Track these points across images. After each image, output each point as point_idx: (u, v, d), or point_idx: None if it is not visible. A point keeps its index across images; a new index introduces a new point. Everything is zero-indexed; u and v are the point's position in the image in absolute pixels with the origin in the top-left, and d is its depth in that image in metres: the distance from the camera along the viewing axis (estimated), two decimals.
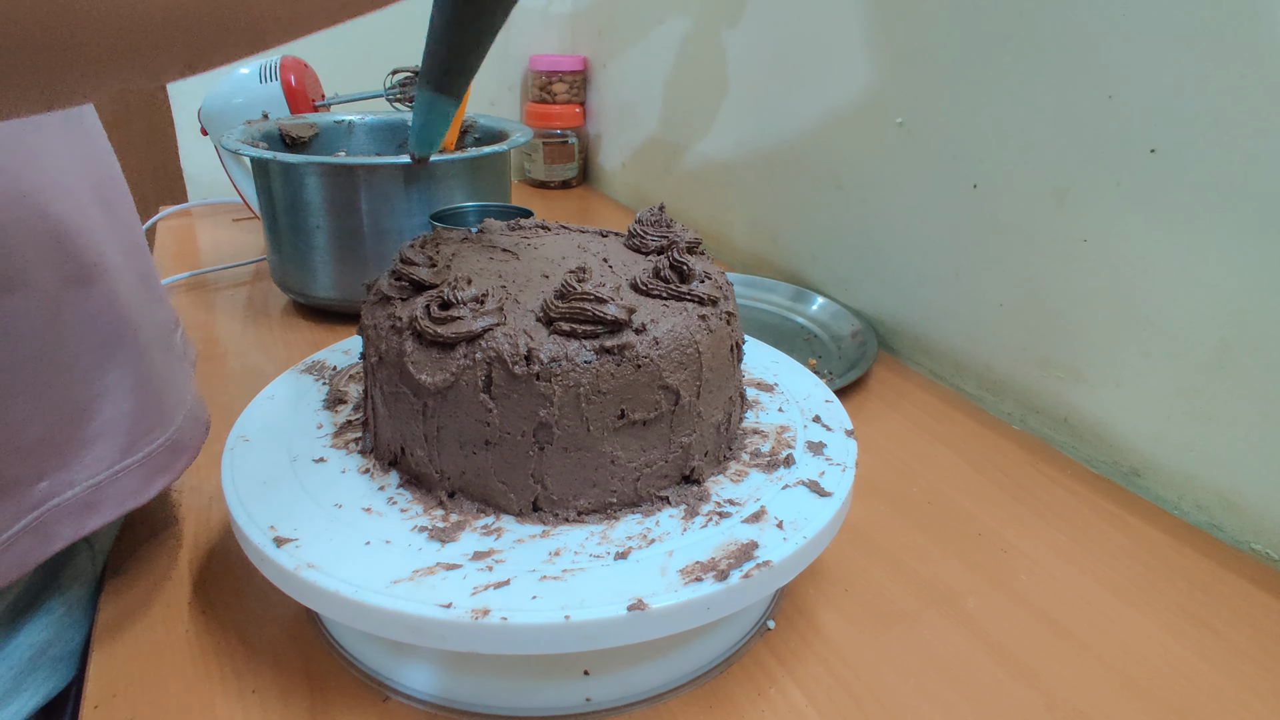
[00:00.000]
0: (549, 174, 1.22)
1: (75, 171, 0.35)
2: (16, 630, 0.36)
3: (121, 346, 0.36)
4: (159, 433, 0.38)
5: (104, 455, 0.35)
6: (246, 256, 0.87)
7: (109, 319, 0.36)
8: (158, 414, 0.38)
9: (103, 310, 0.35)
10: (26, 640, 0.36)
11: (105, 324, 0.35)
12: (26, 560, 0.33)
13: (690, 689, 0.35)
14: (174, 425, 0.39)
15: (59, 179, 0.33)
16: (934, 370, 0.66)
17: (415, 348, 0.33)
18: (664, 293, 0.35)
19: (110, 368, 0.36)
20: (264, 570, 0.32)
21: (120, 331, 0.36)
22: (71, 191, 0.34)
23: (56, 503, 0.34)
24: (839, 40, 0.70)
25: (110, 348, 0.36)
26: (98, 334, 0.35)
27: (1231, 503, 0.47)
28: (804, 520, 0.34)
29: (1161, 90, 0.46)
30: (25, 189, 0.32)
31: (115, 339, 0.36)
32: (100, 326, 0.35)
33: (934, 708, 0.35)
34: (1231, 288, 0.45)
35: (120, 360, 0.36)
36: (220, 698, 0.34)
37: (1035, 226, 0.55)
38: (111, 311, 0.36)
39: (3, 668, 0.35)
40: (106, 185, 0.38)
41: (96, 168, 0.37)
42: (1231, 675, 0.37)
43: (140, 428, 0.37)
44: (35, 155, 0.33)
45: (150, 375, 0.38)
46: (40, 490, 0.33)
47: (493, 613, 0.29)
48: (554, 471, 0.33)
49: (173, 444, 0.39)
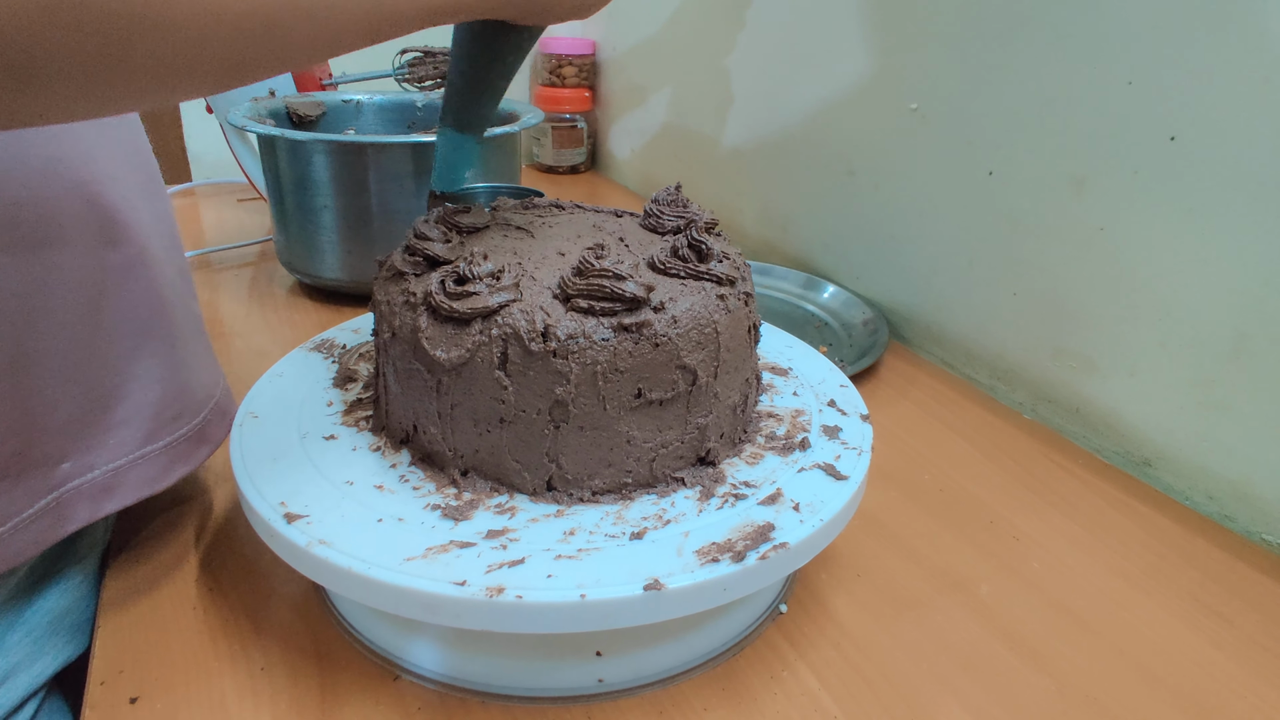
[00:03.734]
0: (557, 158, 1.21)
1: (124, 165, 0.36)
2: (35, 597, 0.36)
3: (156, 335, 0.37)
4: (183, 422, 0.39)
5: (127, 440, 0.36)
6: (251, 237, 0.86)
7: (147, 308, 0.36)
8: (183, 404, 0.39)
9: (142, 299, 0.36)
10: (44, 606, 0.36)
11: (144, 312, 0.36)
12: (42, 540, 0.34)
13: (702, 671, 0.35)
14: (200, 416, 0.40)
15: (110, 170, 0.34)
16: (945, 359, 0.66)
17: (430, 323, 0.33)
18: (682, 272, 0.35)
19: (142, 355, 0.36)
20: (274, 547, 0.32)
21: (156, 321, 0.37)
22: (121, 183, 0.35)
23: (76, 484, 0.35)
24: (852, 24, 0.69)
25: (145, 336, 0.36)
26: (136, 321, 0.36)
27: (1244, 494, 0.47)
28: (820, 503, 0.33)
29: (1183, 77, 0.46)
30: (82, 177, 0.33)
31: (151, 328, 0.37)
32: (139, 314, 0.36)
33: (947, 692, 0.35)
34: (1249, 277, 0.45)
35: (152, 349, 0.37)
36: (229, 675, 0.34)
37: (1051, 214, 0.54)
38: (150, 301, 0.36)
39: (21, 633, 0.35)
40: (150, 180, 0.38)
41: (141, 163, 0.37)
42: (1243, 663, 0.37)
43: (165, 416, 0.38)
44: (91, 147, 0.34)
45: (180, 365, 0.39)
46: (62, 471, 0.34)
47: (508, 591, 0.28)
48: (569, 450, 0.33)
49: (197, 434, 0.40)
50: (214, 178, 1.05)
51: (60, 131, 0.32)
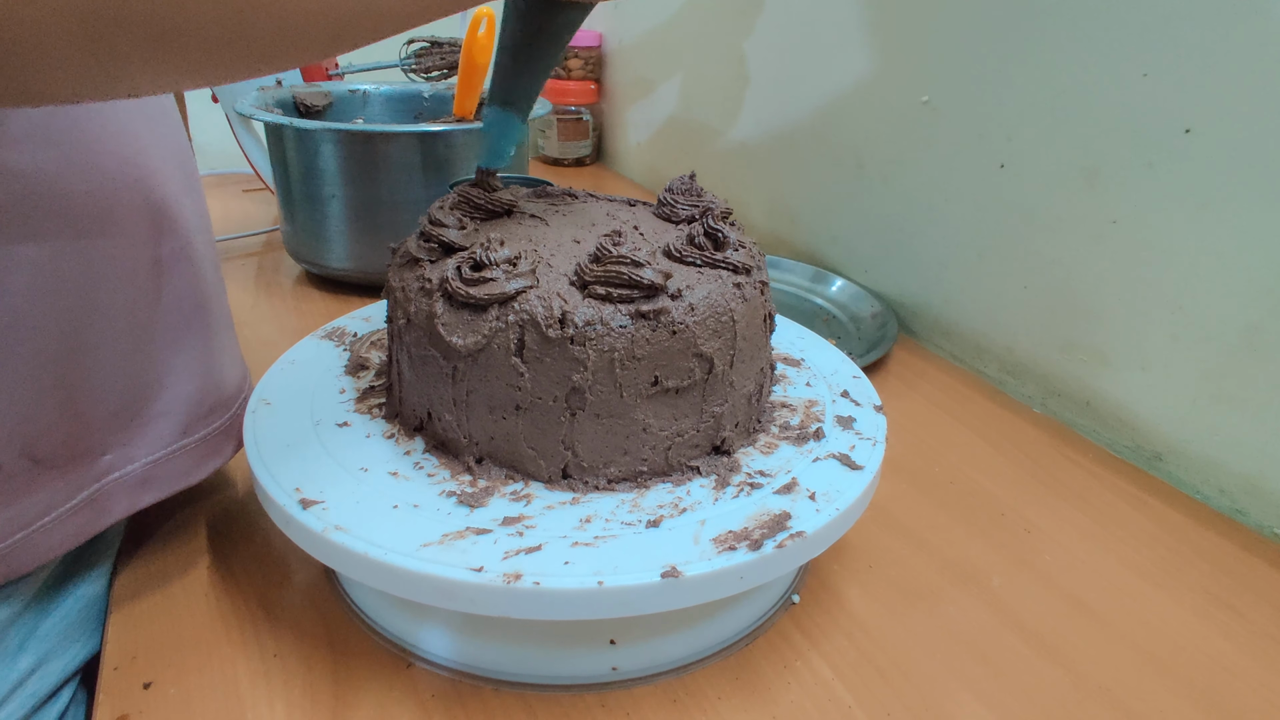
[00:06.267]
0: (563, 151, 1.20)
1: (170, 161, 0.36)
2: (68, 585, 0.37)
3: (195, 329, 0.38)
4: (216, 417, 0.39)
5: (164, 433, 0.37)
6: (257, 227, 0.86)
7: (190, 301, 0.37)
8: (217, 398, 0.40)
9: (185, 292, 0.37)
10: (77, 593, 0.37)
11: (186, 305, 0.37)
12: (82, 531, 0.34)
13: (716, 661, 0.35)
14: (230, 411, 0.41)
15: (159, 165, 0.35)
16: (954, 353, 0.65)
17: (446, 309, 0.33)
18: (698, 260, 0.35)
19: (183, 348, 0.37)
20: (289, 533, 0.32)
21: (196, 315, 0.37)
22: (168, 178, 0.36)
23: (116, 476, 0.35)
24: (863, 15, 0.69)
25: (185, 329, 0.37)
26: (179, 314, 0.36)
27: (1256, 487, 0.46)
28: (836, 493, 0.33)
29: (1199, 69, 0.46)
30: (138, 174, 0.33)
31: (191, 321, 0.37)
32: (182, 307, 0.37)
33: (961, 683, 0.35)
34: (1262, 271, 0.44)
35: (191, 343, 0.37)
36: (242, 661, 0.34)
37: (1063, 207, 0.54)
38: (192, 294, 0.37)
39: (55, 619, 0.36)
40: (190, 176, 0.39)
41: (184, 159, 0.38)
42: (1255, 655, 0.37)
43: (200, 409, 0.38)
44: (145, 144, 0.34)
45: (214, 360, 0.39)
46: (104, 463, 0.35)
47: (525, 577, 0.28)
48: (585, 438, 0.33)
49: (227, 428, 0.40)
50: (219, 169, 1.05)
51: (118, 128, 0.33)
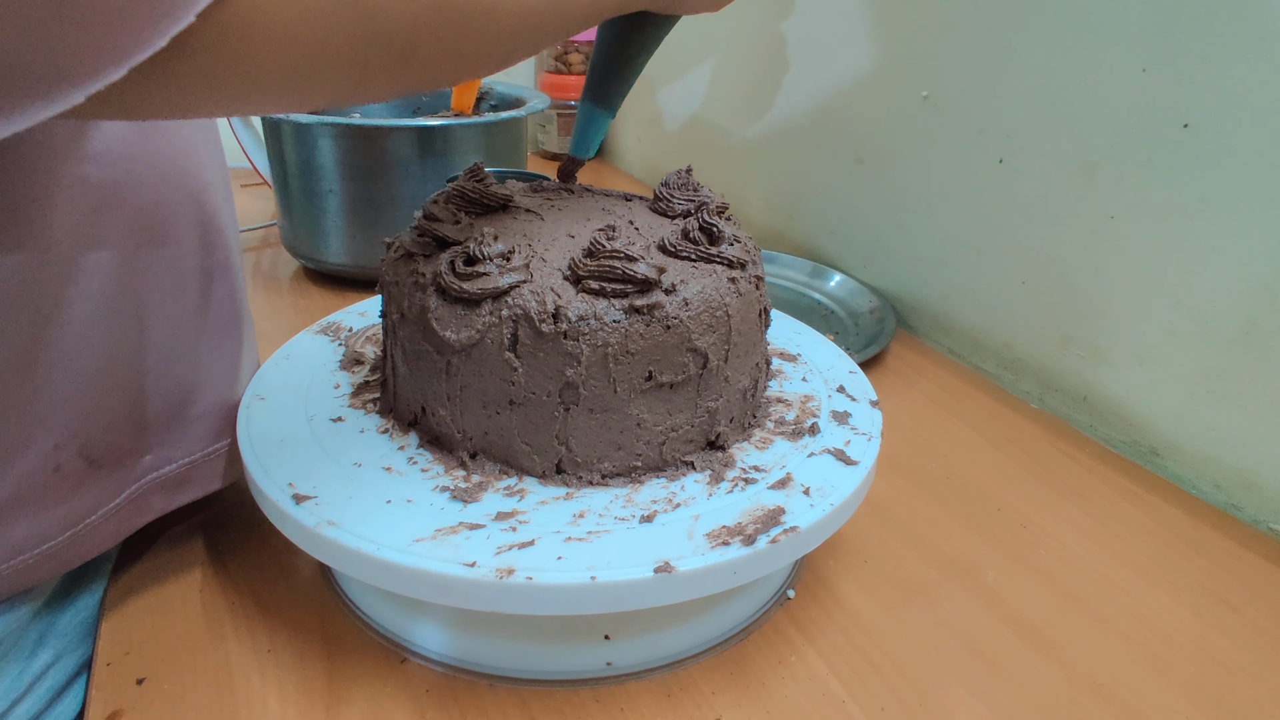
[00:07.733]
0: (563, 145, 1.20)
1: (217, 174, 0.38)
2: (89, 582, 0.37)
3: (231, 336, 0.39)
4: None
5: (201, 436, 0.38)
6: (254, 222, 0.86)
7: (229, 309, 0.38)
8: None
9: (225, 300, 0.38)
10: (95, 588, 0.37)
11: (226, 312, 0.38)
12: (121, 530, 0.35)
13: (710, 656, 0.35)
14: None
15: (209, 178, 0.37)
16: (952, 349, 0.65)
17: (439, 304, 0.33)
18: (693, 254, 0.35)
19: (220, 355, 0.38)
20: (283, 528, 0.32)
21: (232, 322, 0.39)
22: (215, 191, 0.37)
23: (155, 476, 0.36)
24: (863, 11, 0.68)
25: (223, 335, 0.38)
26: (219, 320, 0.38)
27: (1252, 482, 0.46)
28: (830, 488, 0.33)
29: (1198, 64, 0.45)
30: (194, 186, 0.35)
31: (228, 328, 0.39)
32: (222, 314, 0.38)
33: (955, 677, 0.35)
34: (1260, 267, 0.44)
35: (227, 349, 0.39)
36: (236, 657, 0.34)
37: (1062, 202, 0.54)
38: (230, 302, 0.38)
39: (72, 614, 0.36)
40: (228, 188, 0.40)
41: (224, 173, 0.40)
42: (1250, 650, 0.37)
43: (230, 415, 0.39)
44: (200, 157, 0.36)
45: (242, 366, 0.40)
46: (145, 463, 0.36)
47: (518, 572, 0.28)
48: (579, 433, 0.33)
49: None
50: None
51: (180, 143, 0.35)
